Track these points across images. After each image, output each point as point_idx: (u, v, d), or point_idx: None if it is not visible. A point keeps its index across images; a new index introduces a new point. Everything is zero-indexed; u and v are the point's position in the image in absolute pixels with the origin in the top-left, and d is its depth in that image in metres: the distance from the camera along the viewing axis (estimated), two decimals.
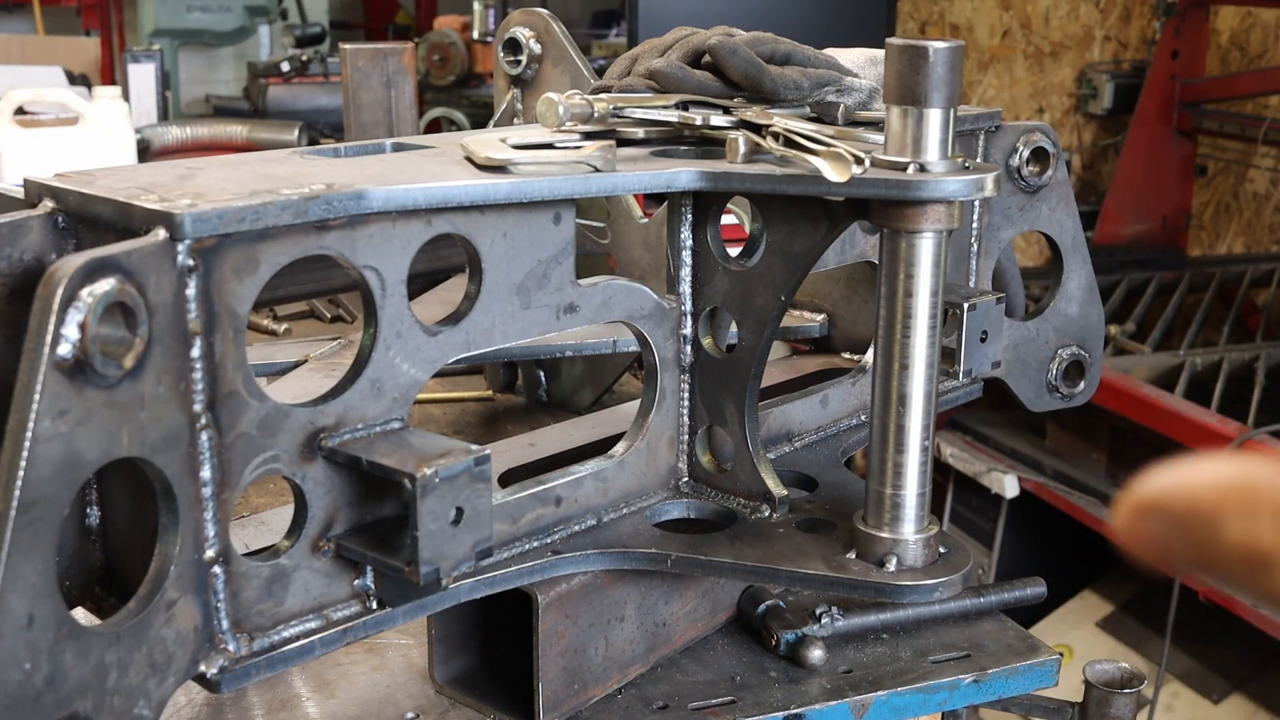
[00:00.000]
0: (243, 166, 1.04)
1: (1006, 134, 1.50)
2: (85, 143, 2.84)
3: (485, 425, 1.86)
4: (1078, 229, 1.57)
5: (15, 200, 0.97)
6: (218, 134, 3.82)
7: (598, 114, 1.21)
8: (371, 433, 1.01)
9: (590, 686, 1.19)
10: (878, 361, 1.13)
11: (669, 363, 1.24)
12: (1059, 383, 1.60)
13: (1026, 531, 4.21)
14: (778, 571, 1.15)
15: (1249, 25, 5.65)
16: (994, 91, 5.86)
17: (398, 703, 1.21)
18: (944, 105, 1.05)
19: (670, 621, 1.27)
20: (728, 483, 1.26)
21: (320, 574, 1.00)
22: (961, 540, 2.23)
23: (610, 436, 1.36)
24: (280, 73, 4.65)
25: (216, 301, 0.89)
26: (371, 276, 0.99)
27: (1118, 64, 5.85)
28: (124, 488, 0.96)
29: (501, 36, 1.63)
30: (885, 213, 1.09)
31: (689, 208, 1.24)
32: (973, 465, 4.21)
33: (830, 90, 1.32)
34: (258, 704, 1.20)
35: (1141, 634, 3.91)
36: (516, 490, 1.14)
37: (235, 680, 0.95)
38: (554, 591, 1.14)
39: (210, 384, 0.90)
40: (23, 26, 6.71)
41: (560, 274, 1.13)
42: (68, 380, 0.78)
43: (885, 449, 1.13)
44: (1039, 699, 1.37)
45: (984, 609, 1.39)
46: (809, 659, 1.27)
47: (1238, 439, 3.45)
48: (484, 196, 1.03)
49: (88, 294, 0.78)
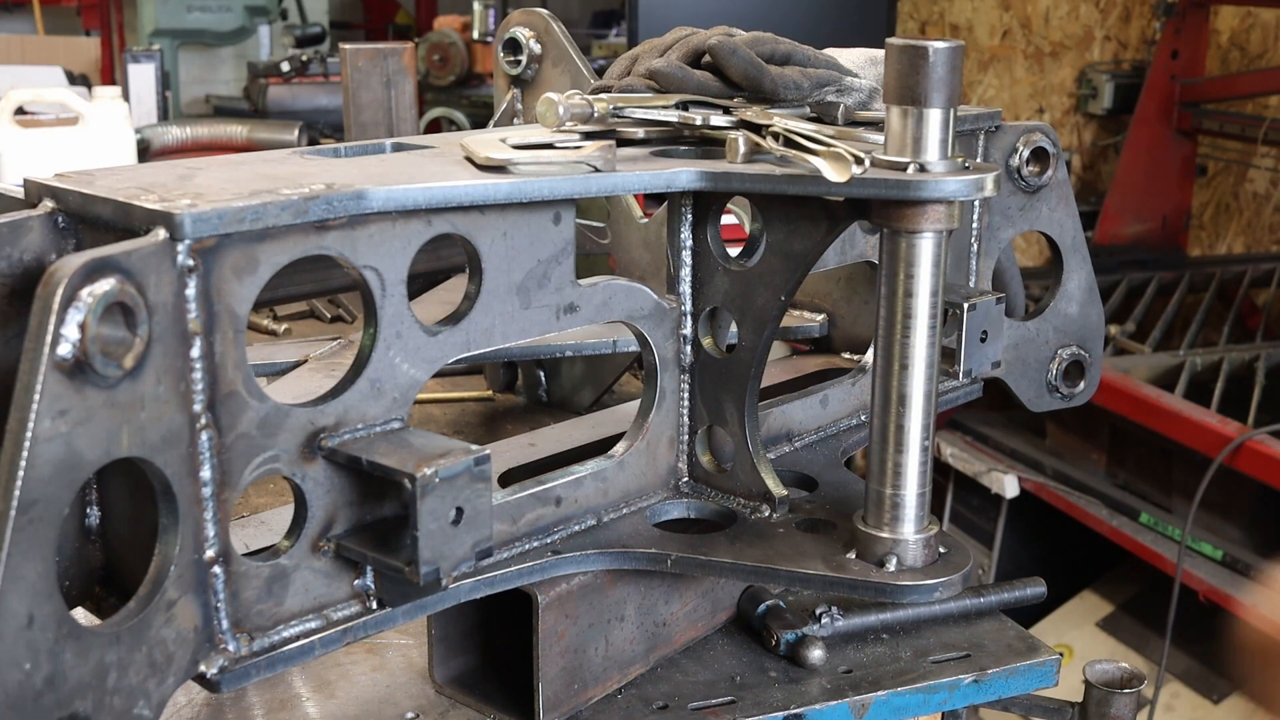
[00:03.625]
0: (243, 166, 1.04)
1: (1006, 134, 1.50)
2: (85, 143, 2.84)
3: (485, 425, 1.86)
4: (1078, 229, 1.57)
5: (15, 200, 0.97)
6: (218, 134, 3.82)
7: (598, 114, 1.21)
8: (371, 433, 1.01)
9: (590, 686, 1.19)
10: (878, 361, 1.13)
11: (669, 363, 1.24)
12: (1059, 383, 1.60)
13: (1026, 531, 4.21)
14: (778, 571, 1.15)
15: (1249, 25, 5.66)
16: (994, 91, 5.86)
17: (398, 703, 1.21)
18: (944, 105, 1.05)
19: (670, 621, 1.27)
20: (728, 483, 1.26)
21: (320, 574, 1.00)
22: (961, 540, 2.23)
23: (610, 436, 1.36)
24: (280, 73, 4.65)
25: (216, 301, 0.89)
26: (371, 276, 0.99)
27: (1118, 64, 5.86)
28: (124, 488, 0.96)
29: (501, 36, 1.63)
30: (885, 213, 1.09)
31: (689, 208, 1.24)
32: (973, 465, 4.21)
33: (830, 90, 1.32)
34: (258, 704, 1.20)
35: (1141, 634, 3.91)
36: (516, 490, 1.14)
37: (235, 680, 0.95)
38: (554, 591, 1.14)
39: (210, 384, 0.90)
40: (23, 26, 6.71)
41: (560, 274, 1.13)
42: (68, 380, 0.78)
43: (885, 449, 1.13)
44: (1039, 699, 1.37)
45: (984, 609, 1.39)
46: (809, 659, 1.27)
47: (1238, 439, 3.45)
48: (484, 196, 1.03)
49: (88, 294, 0.78)
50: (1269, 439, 3.43)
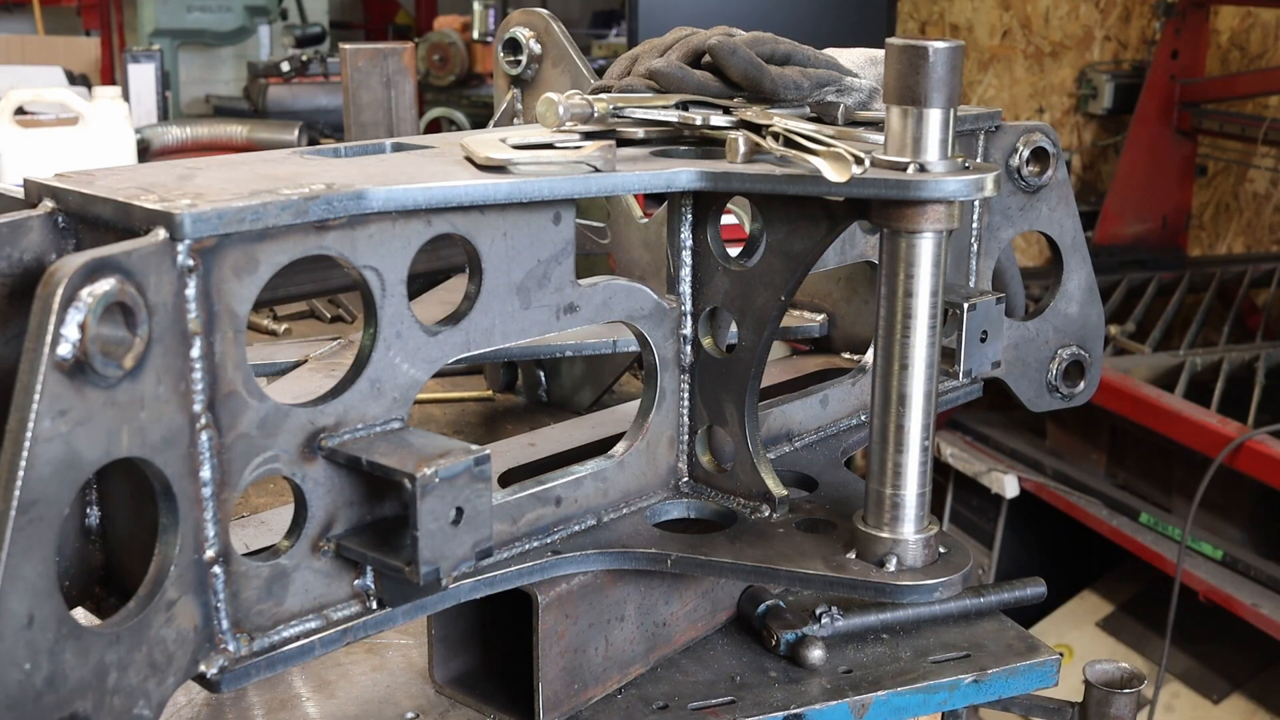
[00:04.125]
0: (243, 166, 1.04)
1: (1006, 134, 1.50)
2: (85, 143, 2.84)
3: (485, 425, 1.86)
4: (1078, 229, 1.57)
5: (15, 200, 0.97)
6: (218, 134, 3.82)
7: (598, 114, 1.21)
8: (371, 433, 1.01)
9: (590, 686, 1.19)
10: (878, 361, 1.13)
11: (669, 363, 1.24)
12: (1059, 383, 1.60)
13: (1026, 531, 4.21)
14: (778, 571, 1.15)
15: (1249, 25, 5.66)
16: (994, 91, 5.86)
17: (398, 703, 1.21)
18: (944, 105, 1.05)
19: (670, 621, 1.27)
20: (728, 483, 1.26)
21: (320, 574, 1.00)
22: (961, 540, 2.23)
23: (610, 436, 1.36)
24: (280, 73, 4.65)
25: (216, 301, 0.89)
26: (371, 276, 0.99)
27: (1118, 64, 5.86)
28: (124, 488, 0.96)
29: (501, 36, 1.63)
30: (885, 213, 1.09)
31: (689, 208, 1.24)
32: (973, 465, 4.21)
33: (830, 90, 1.32)
34: (258, 704, 1.20)
35: (1141, 634, 3.91)
36: (516, 490, 1.14)
37: (235, 680, 0.95)
38: (554, 591, 1.14)
39: (210, 384, 0.90)
40: (23, 26, 6.71)
41: (560, 274, 1.13)
42: (68, 380, 0.78)
43: (885, 449, 1.13)
44: (1039, 699, 1.37)
45: (984, 609, 1.39)
46: (809, 659, 1.27)
47: (1238, 439, 3.45)
48: (484, 196, 1.03)
49: (88, 294, 0.78)
50: (1269, 439, 3.43)
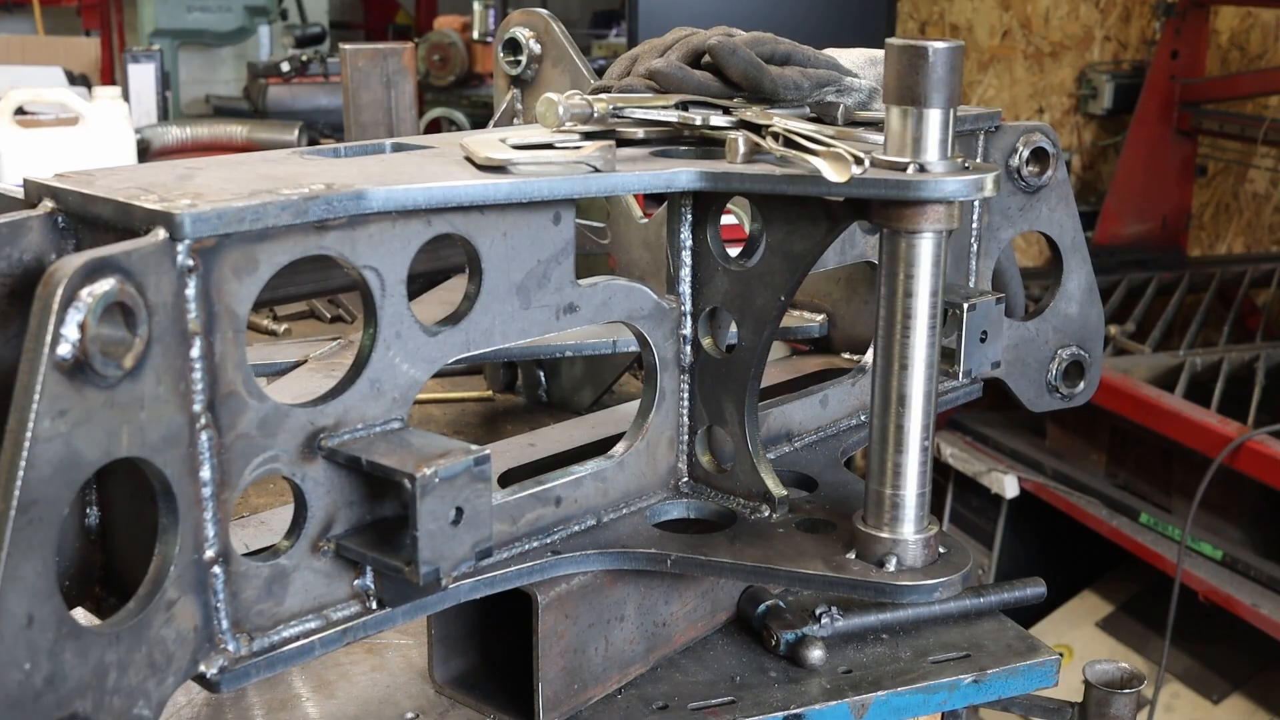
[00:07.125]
0: (243, 166, 1.04)
1: (1006, 134, 1.50)
2: (85, 143, 2.84)
3: (485, 425, 1.86)
4: (1078, 229, 1.57)
5: (15, 200, 0.97)
6: (218, 134, 3.82)
7: (597, 114, 1.21)
8: (371, 433, 1.01)
9: (590, 686, 1.19)
10: (878, 361, 1.13)
11: (669, 363, 1.24)
12: (1059, 383, 1.60)
13: (1026, 531, 4.22)
14: (778, 571, 1.15)
15: (1249, 25, 5.66)
16: (994, 91, 5.86)
17: (398, 703, 1.21)
18: (944, 105, 1.05)
19: (670, 621, 1.27)
20: (728, 483, 1.26)
21: (320, 574, 1.00)
22: (961, 540, 2.23)
23: (610, 436, 1.36)
24: (280, 73, 4.65)
25: (216, 301, 0.89)
26: (371, 276, 0.99)
27: (1118, 64, 5.85)
28: (124, 488, 0.96)
29: (501, 36, 1.63)
30: (885, 213, 1.09)
31: (689, 208, 1.24)
32: (973, 465, 4.21)
33: (830, 90, 1.32)
34: (258, 704, 1.20)
35: (1141, 634, 3.91)
36: (516, 490, 1.14)
37: (235, 680, 0.95)
38: (554, 591, 1.14)
39: (210, 384, 0.90)
40: (23, 26, 6.71)
41: (560, 274, 1.13)
42: (68, 380, 0.78)
43: (885, 449, 1.13)
44: (1039, 699, 1.37)
45: (984, 609, 1.39)
46: (809, 659, 1.27)
47: (1238, 439, 3.45)
48: (484, 196, 1.03)
49: (88, 294, 0.78)
50: (1269, 439, 3.43)
